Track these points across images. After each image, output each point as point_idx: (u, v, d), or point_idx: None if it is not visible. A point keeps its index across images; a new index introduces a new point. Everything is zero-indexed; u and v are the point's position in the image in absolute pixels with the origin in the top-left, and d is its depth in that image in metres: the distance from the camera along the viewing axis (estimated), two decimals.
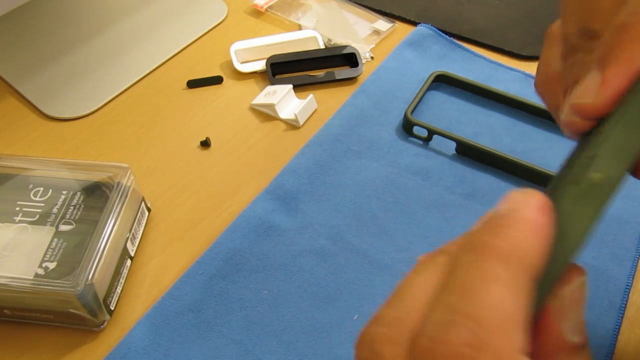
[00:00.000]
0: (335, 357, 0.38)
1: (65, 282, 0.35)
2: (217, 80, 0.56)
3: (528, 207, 0.17)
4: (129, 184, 0.41)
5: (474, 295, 0.16)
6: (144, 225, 0.44)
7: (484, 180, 0.48)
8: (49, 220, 0.39)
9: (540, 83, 0.30)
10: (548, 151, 0.50)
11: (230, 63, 0.57)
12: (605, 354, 0.37)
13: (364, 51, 0.58)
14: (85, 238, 0.38)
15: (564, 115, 0.22)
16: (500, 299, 0.16)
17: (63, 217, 0.39)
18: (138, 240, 0.43)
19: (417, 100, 0.53)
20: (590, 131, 0.20)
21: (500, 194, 0.30)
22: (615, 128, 0.17)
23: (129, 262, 0.41)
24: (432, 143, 0.50)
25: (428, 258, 0.19)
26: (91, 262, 0.36)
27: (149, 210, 0.45)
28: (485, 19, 0.63)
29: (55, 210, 0.40)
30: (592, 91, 0.20)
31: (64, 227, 0.39)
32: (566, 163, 0.19)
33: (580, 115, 0.21)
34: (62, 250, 0.37)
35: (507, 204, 0.18)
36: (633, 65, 0.20)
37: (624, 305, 0.40)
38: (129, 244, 0.41)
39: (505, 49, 0.59)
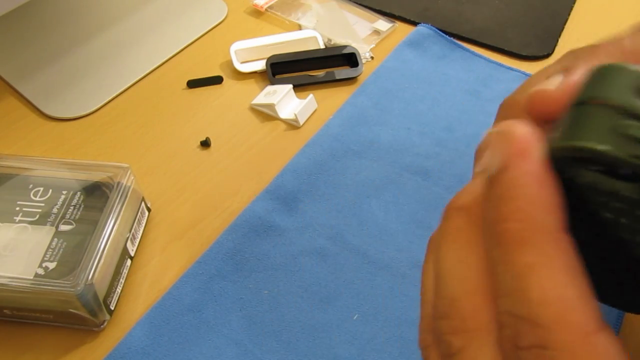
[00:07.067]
0: (335, 357, 0.38)
1: (65, 282, 0.35)
2: (217, 80, 0.56)
3: (523, 161, 0.17)
4: (129, 184, 0.41)
5: (525, 298, 0.16)
6: (144, 225, 0.44)
7: None
8: (49, 220, 0.39)
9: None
10: None
11: (230, 63, 0.57)
12: None
13: (364, 51, 0.58)
14: (85, 238, 0.38)
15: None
16: (550, 291, 0.16)
17: (63, 217, 0.39)
18: (138, 240, 0.43)
19: None
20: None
21: None
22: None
23: (129, 262, 0.41)
24: None
25: (450, 227, 0.19)
26: (91, 262, 0.36)
27: (149, 210, 0.45)
28: (485, 19, 0.63)
29: (55, 210, 0.40)
30: (555, 83, 0.21)
31: (64, 227, 0.39)
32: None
33: (537, 102, 0.21)
34: (62, 250, 0.37)
35: (496, 157, 0.17)
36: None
37: None
38: (129, 244, 0.41)
39: (505, 49, 0.59)
